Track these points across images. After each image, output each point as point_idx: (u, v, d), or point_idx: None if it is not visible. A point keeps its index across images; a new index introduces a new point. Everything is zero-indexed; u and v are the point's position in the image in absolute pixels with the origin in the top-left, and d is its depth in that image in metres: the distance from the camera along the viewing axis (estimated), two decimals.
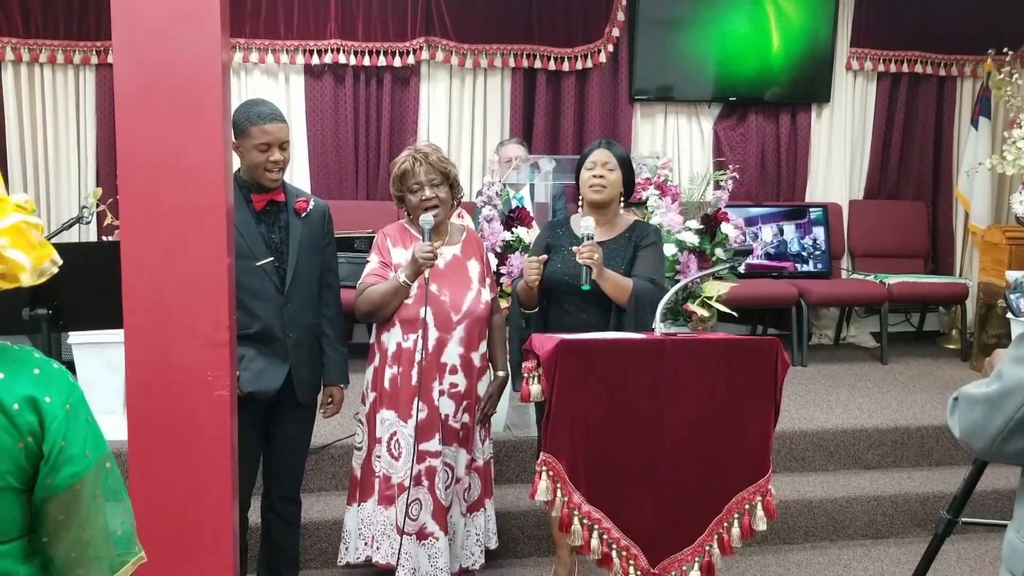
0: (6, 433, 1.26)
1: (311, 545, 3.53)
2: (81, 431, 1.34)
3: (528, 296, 3.08)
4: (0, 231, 1.26)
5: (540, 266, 3.00)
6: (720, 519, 2.61)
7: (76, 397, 1.35)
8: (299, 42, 5.67)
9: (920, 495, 4.02)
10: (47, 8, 5.43)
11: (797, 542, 3.90)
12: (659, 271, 3.06)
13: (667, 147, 6.13)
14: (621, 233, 3.11)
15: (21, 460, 1.28)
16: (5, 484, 1.28)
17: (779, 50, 6.16)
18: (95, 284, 2.78)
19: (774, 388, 2.61)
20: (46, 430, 1.29)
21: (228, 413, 2.19)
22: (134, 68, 2.09)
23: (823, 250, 6.10)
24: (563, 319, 3.06)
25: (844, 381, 5.24)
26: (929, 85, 6.43)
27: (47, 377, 1.33)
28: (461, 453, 3.06)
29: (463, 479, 3.08)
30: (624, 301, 2.93)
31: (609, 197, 3.07)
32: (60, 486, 1.31)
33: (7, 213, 1.28)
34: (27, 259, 1.28)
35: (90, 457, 1.34)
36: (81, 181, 5.65)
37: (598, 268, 2.85)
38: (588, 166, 3.09)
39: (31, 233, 1.30)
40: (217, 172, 2.14)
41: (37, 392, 1.29)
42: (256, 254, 2.81)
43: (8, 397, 1.27)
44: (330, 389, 3.06)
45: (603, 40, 5.98)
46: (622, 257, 3.05)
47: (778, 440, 4.05)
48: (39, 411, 1.29)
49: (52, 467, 1.30)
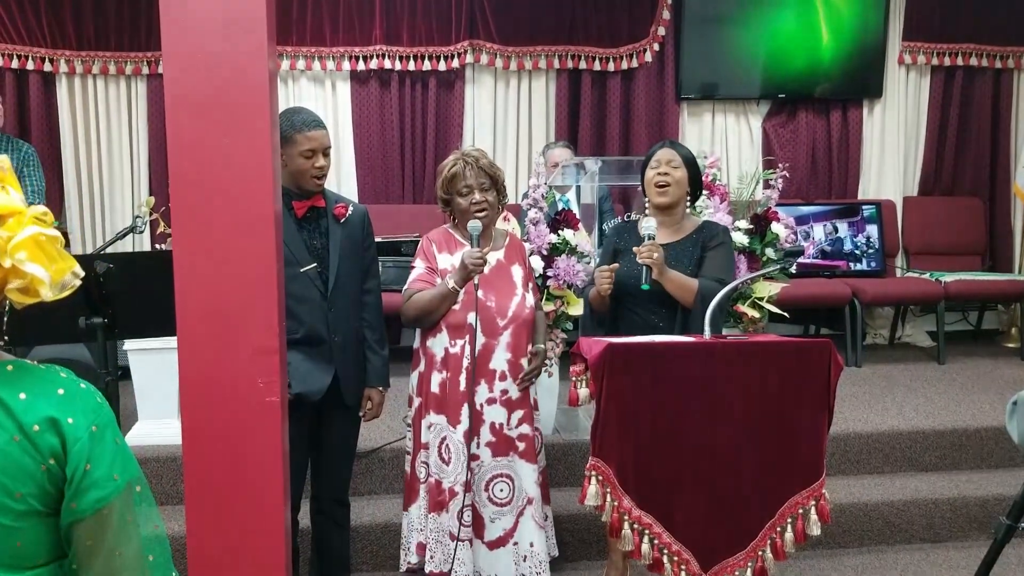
0: (28, 456, 1.22)
1: (362, 548, 3.55)
2: (108, 454, 1.29)
3: (600, 304, 3.08)
4: (17, 244, 1.22)
5: (612, 275, 2.98)
6: (773, 524, 2.57)
7: (103, 419, 1.30)
8: (345, 48, 5.72)
9: (979, 498, 3.92)
10: (99, 20, 5.55)
11: (853, 546, 3.83)
12: (727, 271, 3.03)
13: (715, 146, 6.07)
14: (688, 234, 3.08)
15: (45, 483, 1.24)
16: (29, 508, 1.24)
17: (829, 45, 6.07)
18: (149, 293, 2.82)
19: (827, 391, 2.57)
20: (69, 452, 1.24)
21: (279, 418, 2.21)
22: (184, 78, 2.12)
23: (877, 248, 5.98)
24: (633, 322, 3.04)
25: (900, 382, 5.14)
26: (985, 78, 6.29)
27: (72, 397, 1.28)
28: (524, 466, 3.00)
29: (535, 497, 3.01)
30: (690, 302, 2.91)
31: (675, 197, 3.05)
32: (86, 510, 1.26)
33: (24, 225, 1.24)
34: (46, 273, 1.24)
35: (118, 481, 1.29)
36: (134, 190, 5.77)
37: (659, 268, 2.83)
38: (652, 165, 3.07)
39: (50, 246, 1.26)
40: (266, 179, 2.15)
41: (59, 413, 1.25)
42: (300, 260, 2.83)
43: (29, 418, 1.23)
44: (369, 391, 3.05)
45: (649, 39, 5.94)
46: (689, 258, 3.03)
47: (833, 442, 3.98)
48: (61, 432, 1.24)
49: (76, 491, 1.25)
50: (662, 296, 2.92)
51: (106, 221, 5.75)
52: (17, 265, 1.22)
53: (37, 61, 5.53)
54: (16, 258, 1.22)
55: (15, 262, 1.22)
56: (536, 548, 3.01)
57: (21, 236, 1.22)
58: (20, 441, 1.22)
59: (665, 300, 2.95)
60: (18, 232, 1.23)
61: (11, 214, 1.24)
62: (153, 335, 3.50)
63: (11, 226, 1.23)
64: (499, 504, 2.99)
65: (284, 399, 2.25)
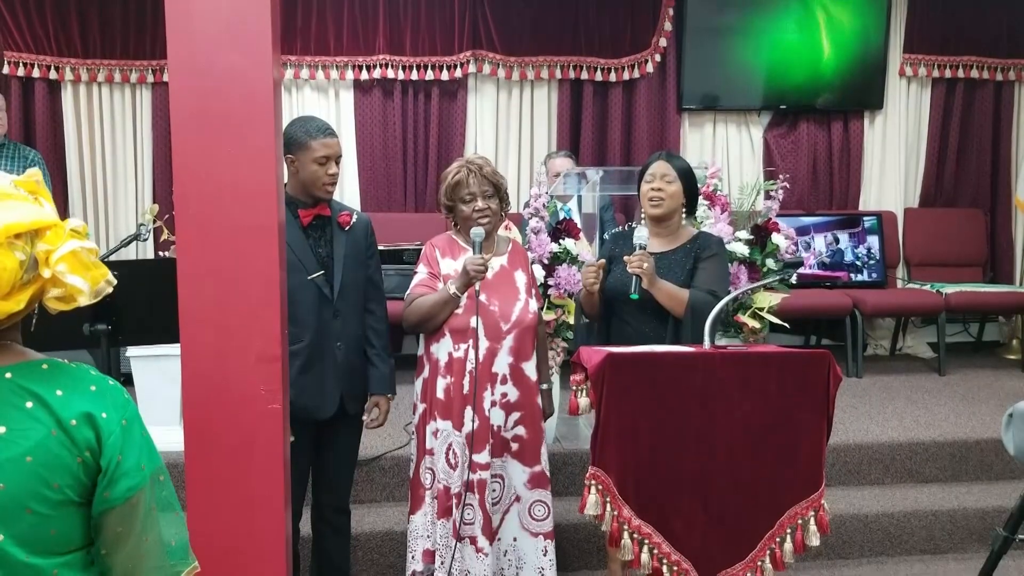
0: (65, 449, 1.30)
1: (363, 556, 3.56)
2: (136, 445, 1.37)
3: (590, 304, 3.09)
4: (59, 258, 1.30)
5: (598, 271, 2.99)
6: (772, 534, 2.58)
7: (131, 413, 1.39)
8: (348, 58, 5.75)
9: (979, 510, 3.92)
10: (105, 28, 5.58)
11: (853, 557, 3.83)
12: (720, 283, 3.02)
13: (716, 156, 6.08)
14: (682, 244, 3.09)
15: (80, 475, 1.32)
16: (65, 498, 1.31)
17: (830, 57, 6.09)
18: (152, 300, 2.84)
19: (827, 401, 2.57)
20: (103, 445, 1.33)
21: (281, 426, 2.22)
22: (189, 86, 2.14)
23: (878, 259, 5.99)
24: (624, 331, 3.05)
25: (900, 393, 5.14)
26: (986, 90, 6.31)
27: (103, 393, 1.36)
28: (515, 466, 3.03)
29: (524, 496, 3.04)
30: (680, 312, 2.92)
31: (668, 210, 3.06)
32: (118, 499, 1.34)
33: (64, 240, 1.32)
34: (85, 283, 1.33)
35: (145, 471, 1.38)
36: (138, 197, 5.78)
37: (648, 278, 2.84)
38: (647, 179, 3.07)
39: (87, 257, 1.34)
40: (270, 188, 2.17)
41: (94, 408, 1.33)
42: (308, 267, 2.85)
43: (66, 413, 1.31)
44: (376, 399, 3.06)
45: (650, 50, 5.96)
46: (681, 268, 3.03)
47: (832, 453, 3.98)
48: (96, 427, 1.33)
49: (110, 481, 1.34)
50: (653, 306, 2.93)
51: (110, 228, 5.77)
52: (58, 276, 1.31)
53: (43, 69, 5.56)
54: (57, 270, 1.31)
55: (56, 273, 1.31)
56: (519, 544, 3.04)
57: (63, 251, 1.31)
58: (58, 435, 1.30)
59: (656, 310, 2.96)
60: (59, 246, 1.31)
61: (49, 227, 1.32)
62: (156, 342, 3.52)
63: (50, 239, 1.31)
64: (492, 503, 3.01)
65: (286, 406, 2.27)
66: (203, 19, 2.11)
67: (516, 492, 3.04)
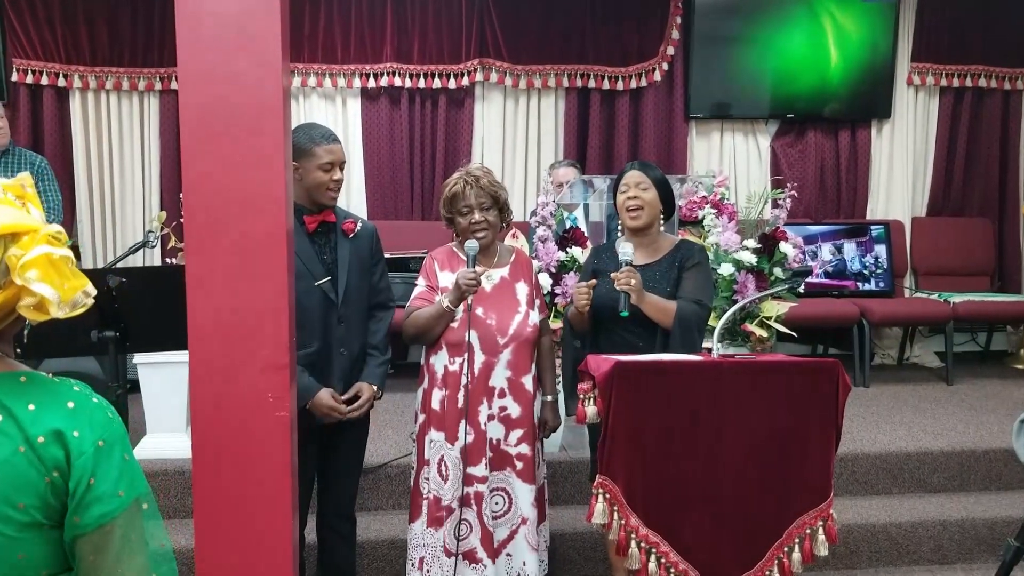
0: (32, 467, 1.22)
1: (368, 564, 3.55)
2: (114, 469, 1.27)
3: (579, 321, 3.07)
4: (27, 263, 1.22)
5: (590, 292, 2.97)
6: (780, 544, 2.56)
7: (112, 434, 1.29)
8: (356, 66, 5.76)
9: (988, 520, 3.89)
10: (113, 36, 5.61)
11: (861, 567, 3.81)
12: (704, 292, 3.01)
13: (723, 165, 6.09)
14: (665, 255, 3.08)
15: (48, 495, 1.23)
16: (31, 519, 1.22)
17: (838, 66, 6.09)
18: (160, 306, 2.84)
19: (835, 411, 2.56)
20: (72, 465, 1.24)
21: (288, 433, 2.21)
22: (198, 94, 2.14)
23: (885, 268, 5.98)
24: (613, 342, 3.03)
25: (908, 402, 5.12)
26: (994, 99, 6.30)
27: (81, 411, 1.27)
28: (521, 485, 3.00)
29: (530, 518, 3.00)
30: (668, 324, 2.90)
31: (648, 219, 3.05)
32: (89, 525, 1.24)
33: (36, 244, 1.24)
34: (54, 292, 1.23)
35: (124, 497, 1.27)
36: (146, 205, 5.81)
37: (637, 294, 2.83)
38: (622, 188, 3.06)
39: (62, 264, 1.25)
40: (279, 195, 2.17)
41: (65, 426, 1.24)
42: (315, 274, 2.85)
43: (35, 430, 1.22)
44: (360, 384, 2.95)
45: (658, 59, 5.97)
46: (666, 279, 3.02)
47: (840, 463, 3.97)
48: (65, 445, 1.23)
49: (79, 505, 1.24)
50: (642, 317, 2.92)
51: (117, 235, 5.79)
52: (25, 284, 1.22)
53: (51, 76, 5.59)
54: (25, 277, 1.22)
55: (23, 280, 1.22)
56: (528, 568, 3.02)
57: (31, 255, 1.22)
58: (25, 452, 1.22)
59: (645, 321, 2.94)
60: (29, 251, 1.23)
61: (26, 232, 1.24)
62: (164, 349, 3.52)
63: (24, 244, 1.23)
64: (495, 516, 3.00)
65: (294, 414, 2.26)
66: (213, 26, 2.12)
67: (522, 513, 3.02)
